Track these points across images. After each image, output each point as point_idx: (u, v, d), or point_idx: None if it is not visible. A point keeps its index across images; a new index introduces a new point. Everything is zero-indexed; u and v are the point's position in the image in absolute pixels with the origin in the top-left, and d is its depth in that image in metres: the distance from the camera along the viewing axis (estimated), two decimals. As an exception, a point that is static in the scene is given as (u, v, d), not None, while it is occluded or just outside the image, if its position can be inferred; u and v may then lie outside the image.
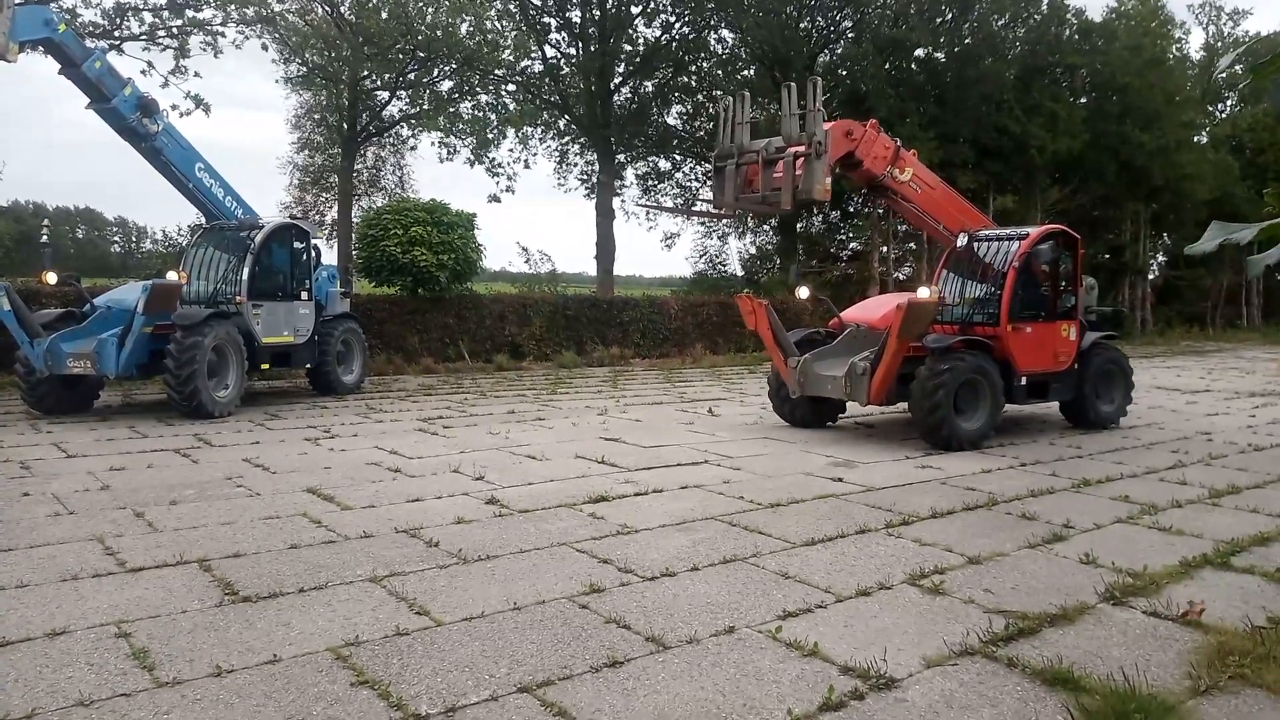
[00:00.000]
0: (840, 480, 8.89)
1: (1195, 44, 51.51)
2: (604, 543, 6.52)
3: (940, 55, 32.13)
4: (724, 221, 37.68)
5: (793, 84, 10.92)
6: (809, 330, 12.87)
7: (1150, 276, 43.31)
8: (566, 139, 33.09)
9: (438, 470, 9.17)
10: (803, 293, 13.91)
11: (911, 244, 34.59)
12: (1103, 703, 3.86)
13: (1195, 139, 42.20)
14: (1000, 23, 32.38)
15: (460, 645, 4.63)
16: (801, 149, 10.58)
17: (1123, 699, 3.85)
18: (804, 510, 7.62)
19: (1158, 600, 5.37)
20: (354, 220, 29.78)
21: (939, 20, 31.61)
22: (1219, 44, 52.45)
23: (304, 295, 15.13)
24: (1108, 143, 34.07)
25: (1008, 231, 12.44)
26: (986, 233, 12.45)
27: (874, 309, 12.59)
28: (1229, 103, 52.29)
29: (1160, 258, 46.61)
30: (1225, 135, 45.79)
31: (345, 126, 29.30)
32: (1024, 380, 11.66)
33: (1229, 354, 30.00)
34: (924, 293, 11.01)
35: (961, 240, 12.14)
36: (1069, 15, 34.02)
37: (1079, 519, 7.39)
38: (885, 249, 31.92)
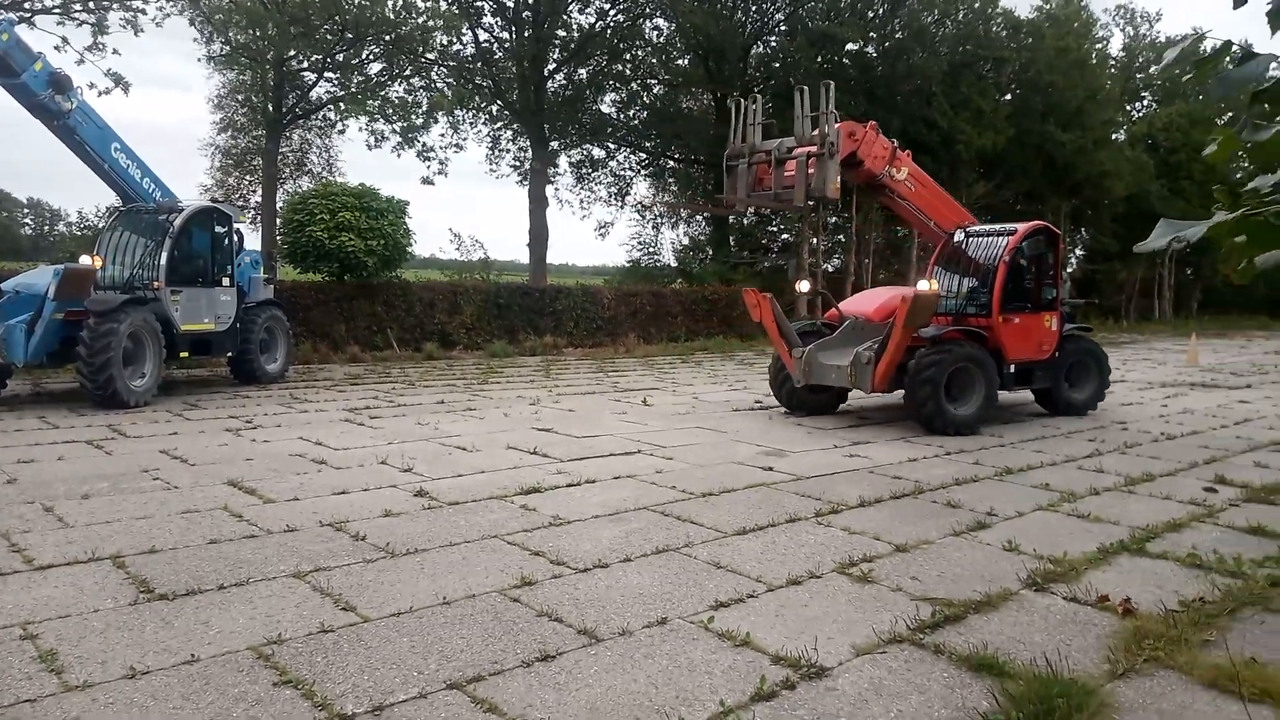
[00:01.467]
0: (770, 469, 8.96)
1: (1115, 46, 52.94)
2: (536, 535, 6.45)
3: (871, 50, 32.56)
4: (657, 212, 37.81)
5: (805, 87, 11.66)
6: (808, 322, 13.47)
7: (1069, 270, 44.63)
8: (499, 124, 32.72)
9: (365, 462, 8.99)
10: (803, 286, 14.37)
11: (840, 236, 35.08)
12: (1027, 688, 3.93)
13: (1114, 137, 43.58)
14: (930, 19, 32.92)
15: (388, 642, 4.53)
16: (813, 149, 11.13)
17: (1046, 684, 3.93)
18: (735, 499, 7.66)
19: (1077, 586, 5.51)
20: (279, 205, 29.05)
21: (870, 15, 32.02)
22: (1136, 46, 54.14)
23: (225, 281, 14.69)
24: (1031, 139, 34.95)
25: (997, 228, 13.10)
26: (977, 229, 13.09)
27: (868, 302, 13.28)
28: (1145, 102, 54.13)
29: (1079, 252, 48.07)
30: (1141, 134, 47.37)
31: (270, 108, 28.51)
32: (1012, 368, 12.36)
33: (1141, 346, 31.10)
34: (924, 286, 11.50)
35: (959, 236, 12.87)
36: (997, 13, 34.77)
37: (1002, 507, 7.57)
38: (815, 240, 32.27)
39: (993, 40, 34.35)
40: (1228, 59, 2.43)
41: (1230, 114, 51.76)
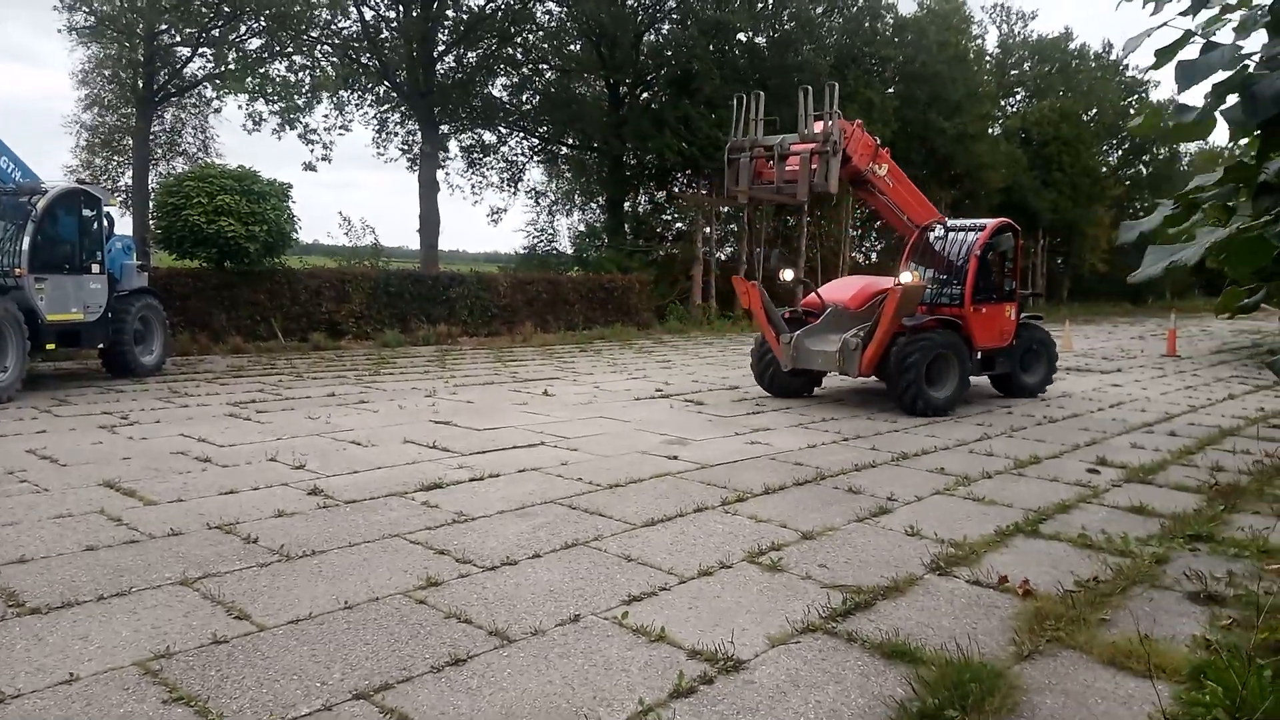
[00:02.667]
0: (675, 458, 8.94)
1: (990, 42, 55.06)
2: (439, 532, 6.25)
3: (761, 40, 32.92)
4: (550, 200, 37.46)
5: (809, 87, 12.23)
6: (793, 309, 13.83)
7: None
8: (386, 107, 31.76)
9: (253, 459, 8.57)
10: (787, 275, 14.61)
11: (733, 225, 35.43)
12: (940, 674, 3.99)
13: (990, 130, 45.33)
14: (818, 10, 33.48)
15: (287, 651, 4.29)
16: (815, 146, 11.68)
17: (958, 669, 4.00)
18: (643, 490, 7.60)
19: (979, 569, 5.66)
20: (151, 187, 27.53)
21: (760, 5, 32.33)
22: (1011, 43, 56.43)
23: (95, 268, 13.81)
24: (915, 130, 36.00)
25: (967, 223, 13.86)
26: (953, 224, 13.86)
27: (844, 290, 13.91)
28: (1018, 98, 56.52)
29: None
30: (1015, 128, 49.43)
31: (140, 85, 26.94)
32: (979, 355, 13.18)
33: (1018, 331, 32.41)
34: (906, 277, 12.19)
35: (937, 230, 13.63)
36: (884, 8, 35.65)
37: (901, 491, 7.73)
38: (708, 229, 32.52)
39: (880, 38, 35.21)
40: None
41: (1095, 110, 54.63)
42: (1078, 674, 4.23)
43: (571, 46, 32.81)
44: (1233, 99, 2.38)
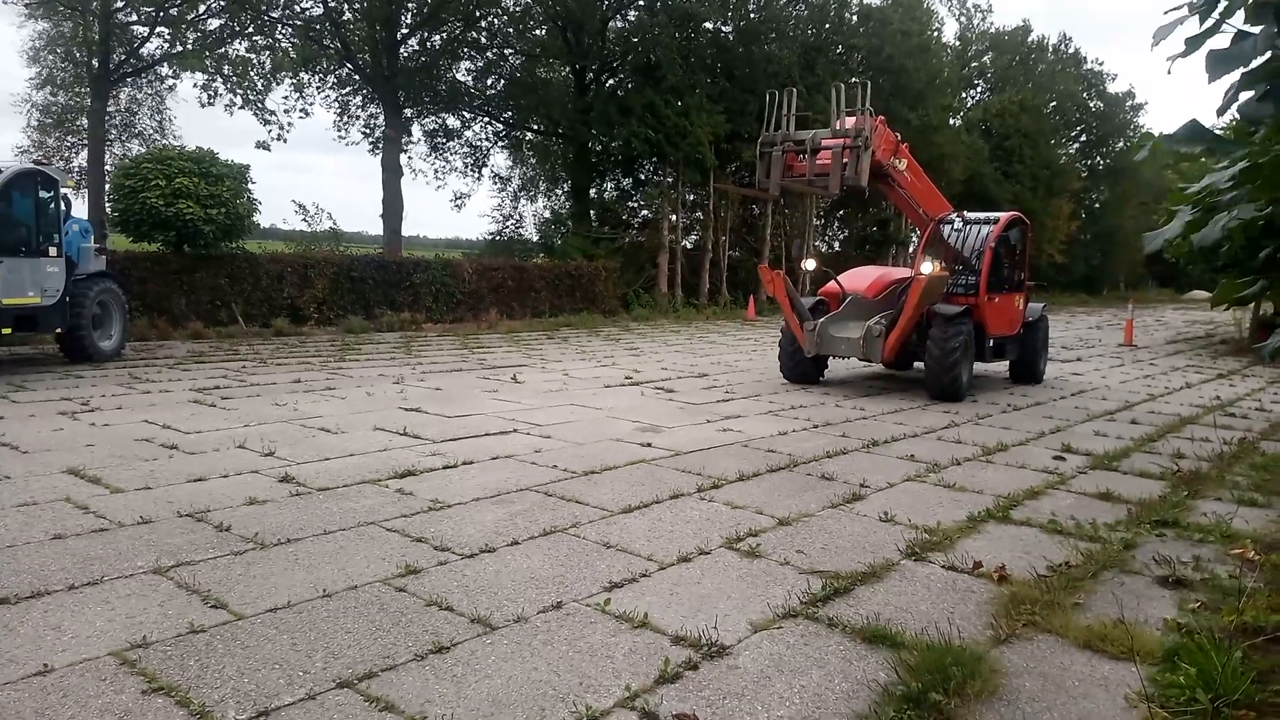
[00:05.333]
0: (649, 445, 8.95)
1: (950, 34, 55.55)
2: (415, 520, 6.20)
3: (728, 30, 32.88)
4: (515, 186, 37.21)
5: (840, 84, 12.64)
6: (816, 299, 14.07)
7: (910, 248, 46.73)
8: (348, 89, 31.31)
9: (220, 446, 8.43)
10: (809, 265, 14.76)
11: (699, 214, 35.44)
12: (921, 658, 4.04)
13: (951, 121, 45.74)
14: (780, 2, 33.49)
15: (267, 640, 4.23)
16: (847, 141, 12.06)
17: (939, 653, 4.05)
18: (618, 477, 7.60)
19: (953, 555, 5.73)
20: (107, 169, 26.91)
21: (727, -6, 32.27)
22: (971, 35, 56.97)
23: (52, 251, 13.48)
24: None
25: (981, 216, 14.25)
26: (970, 216, 14.20)
27: (860, 280, 14.19)
28: (978, 89, 57.13)
29: (917, 231, 50.39)
30: (976, 120, 49.95)
31: (96, 64, 26.26)
32: (991, 342, 13.63)
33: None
34: (928, 268, 12.53)
35: (956, 222, 13.98)
36: (851, 0, 35.80)
37: (873, 478, 7.81)
38: (674, 217, 32.51)
39: (845, 25, 35.34)
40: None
41: (1054, 102, 55.37)
42: (1054, 657, 4.31)
43: (537, 31, 32.51)
44: (1246, 95, 2.42)
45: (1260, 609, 4.66)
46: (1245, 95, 2.41)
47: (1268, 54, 2.37)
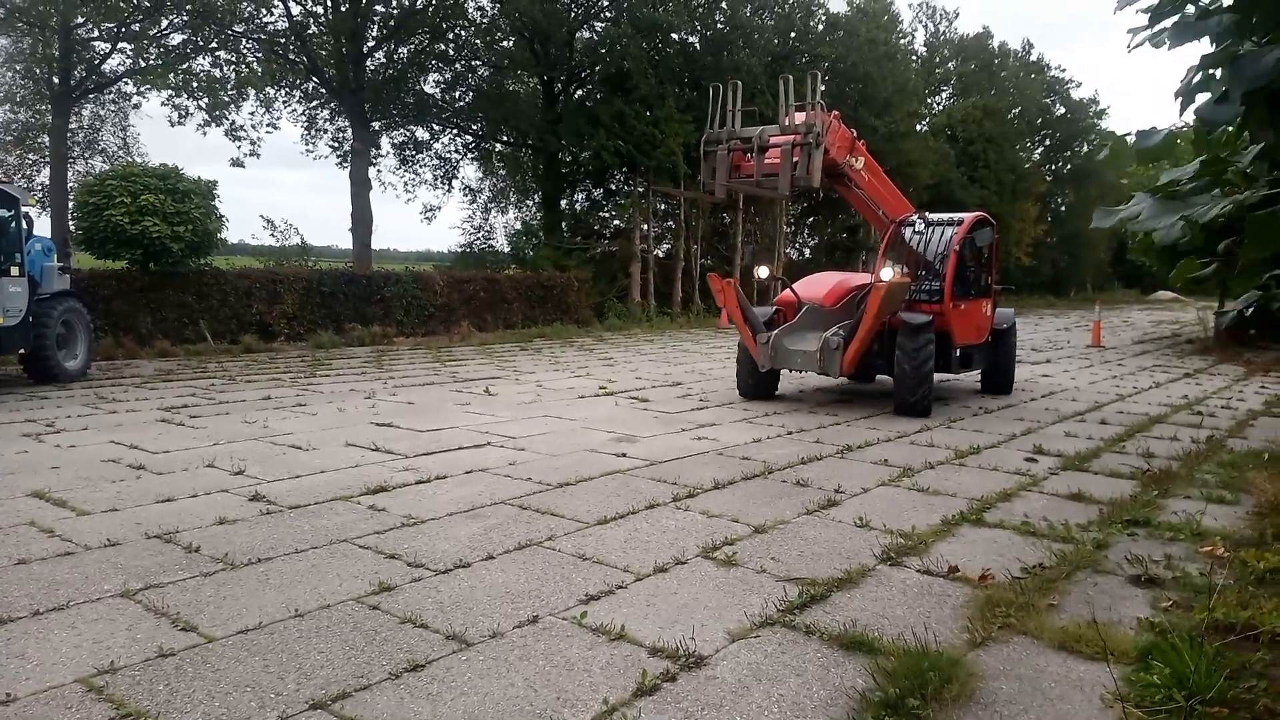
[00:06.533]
0: (624, 455, 8.92)
1: (918, 41, 56.13)
2: (389, 536, 6.13)
3: (695, 40, 33.04)
4: (485, 197, 37.09)
5: (789, 76, 11.60)
6: (773, 309, 13.27)
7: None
8: (315, 103, 31.12)
9: (189, 465, 8.31)
10: (762, 272, 13.96)
11: (670, 223, 35.52)
12: (899, 664, 4.04)
13: (918, 128, 46.21)
14: (746, 11, 33.70)
15: (238, 662, 4.16)
16: (796, 138, 11.11)
17: (916, 658, 4.05)
18: (593, 488, 7.57)
19: (928, 559, 5.75)
20: (70, 187, 26.54)
21: (694, 4, 32.43)
22: (937, 43, 57.60)
23: (14, 270, 13.25)
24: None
25: (944, 217, 13.33)
26: (932, 217, 13.27)
27: (817, 287, 13.29)
28: (944, 96, 57.76)
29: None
30: (942, 125, 50.48)
31: (56, 80, 25.92)
32: (958, 352, 12.68)
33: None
34: (888, 274, 11.60)
35: (920, 225, 13.06)
36: (815, 6, 36.06)
37: (847, 484, 7.83)
38: (646, 226, 32.55)
39: (812, 34, 35.62)
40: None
41: (1019, 108, 56.06)
42: (1030, 659, 4.32)
43: (504, 43, 32.50)
44: (1203, 97, 2.45)
45: (1231, 606, 4.71)
46: (1202, 97, 2.45)
47: (1227, 41, 2.41)
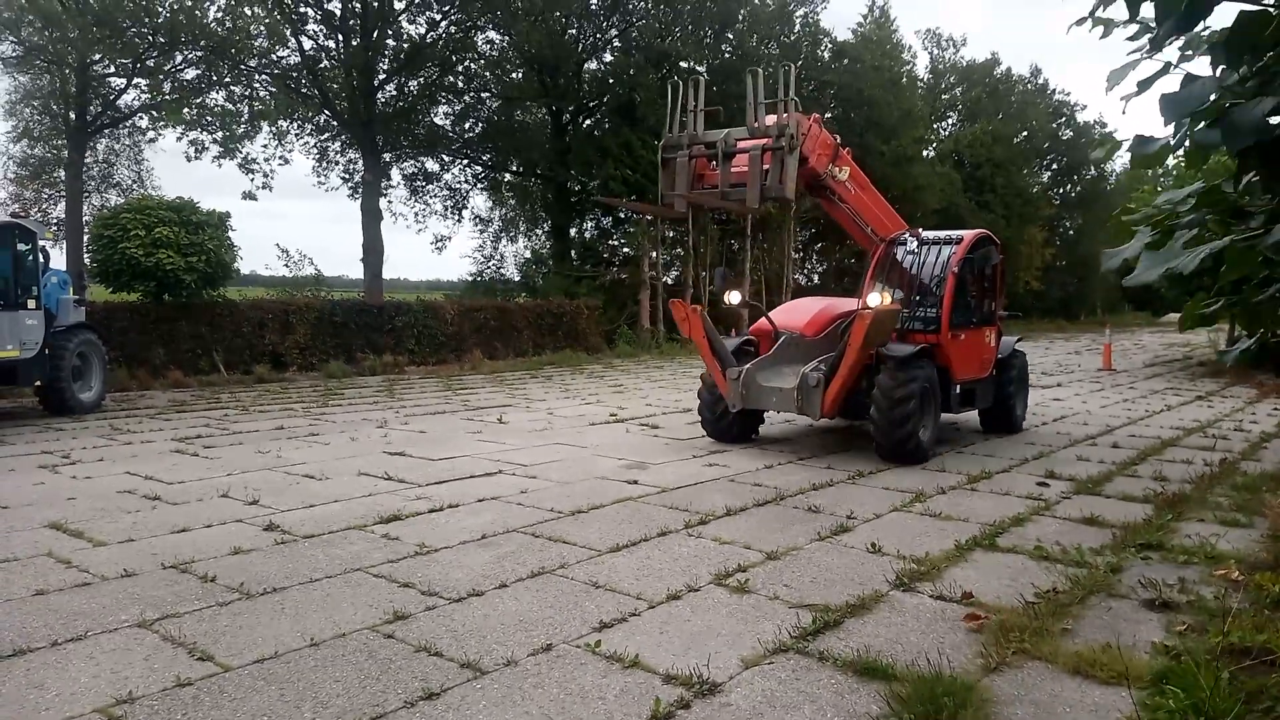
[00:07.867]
0: (635, 482, 8.94)
1: (921, 67, 56.51)
2: (402, 565, 6.16)
3: (703, 70, 33.35)
4: (495, 226, 37.34)
5: (758, 70, 10.13)
6: (743, 339, 11.87)
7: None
8: (326, 135, 31.49)
9: (204, 495, 8.37)
10: (733, 298, 12.59)
11: (679, 250, 35.67)
12: (913, 690, 4.04)
13: (925, 153, 46.43)
14: (753, 41, 34.05)
15: (254, 692, 4.19)
16: (767, 142, 9.67)
17: (930, 684, 4.05)
18: (605, 516, 7.58)
19: (941, 584, 5.74)
20: (86, 220, 26.87)
21: (701, 35, 32.79)
22: (943, 69, 57.96)
23: (31, 303, 13.43)
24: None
25: (941, 235, 11.66)
26: (925, 236, 11.60)
27: (799, 315, 11.82)
28: (951, 121, 58.01)
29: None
30: (949, 151, 50.69)
31: (73, 116, 26.32)
32: (958, 389, 11.21)
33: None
34: (875, 299, 10.00)
35: (913, 245, 11.45)
36: (824, 38, 36.43)
37: (859, 509, 7.82)
38: (655, 254, 32.70)
39: (818, 62, 35.95)
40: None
41: (1025, 132, 56.26)
42: (1045, 684, 4.31)
43: (513, 75, 32.88)
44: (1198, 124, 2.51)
45: (1246, 629, 4.69)
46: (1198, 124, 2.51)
47: (1214, 95, 2.46)
